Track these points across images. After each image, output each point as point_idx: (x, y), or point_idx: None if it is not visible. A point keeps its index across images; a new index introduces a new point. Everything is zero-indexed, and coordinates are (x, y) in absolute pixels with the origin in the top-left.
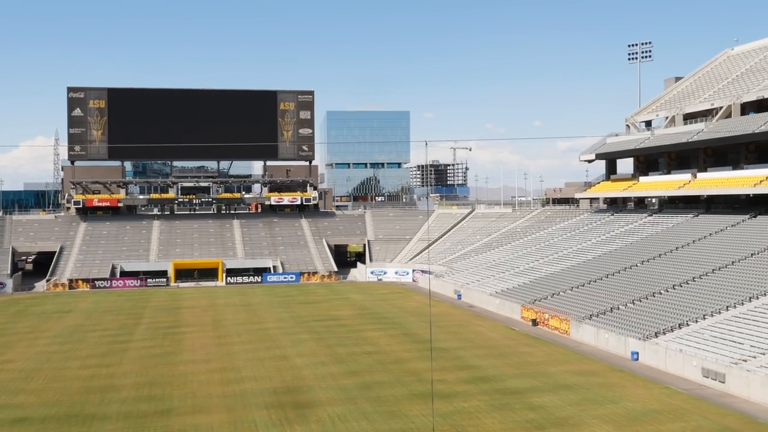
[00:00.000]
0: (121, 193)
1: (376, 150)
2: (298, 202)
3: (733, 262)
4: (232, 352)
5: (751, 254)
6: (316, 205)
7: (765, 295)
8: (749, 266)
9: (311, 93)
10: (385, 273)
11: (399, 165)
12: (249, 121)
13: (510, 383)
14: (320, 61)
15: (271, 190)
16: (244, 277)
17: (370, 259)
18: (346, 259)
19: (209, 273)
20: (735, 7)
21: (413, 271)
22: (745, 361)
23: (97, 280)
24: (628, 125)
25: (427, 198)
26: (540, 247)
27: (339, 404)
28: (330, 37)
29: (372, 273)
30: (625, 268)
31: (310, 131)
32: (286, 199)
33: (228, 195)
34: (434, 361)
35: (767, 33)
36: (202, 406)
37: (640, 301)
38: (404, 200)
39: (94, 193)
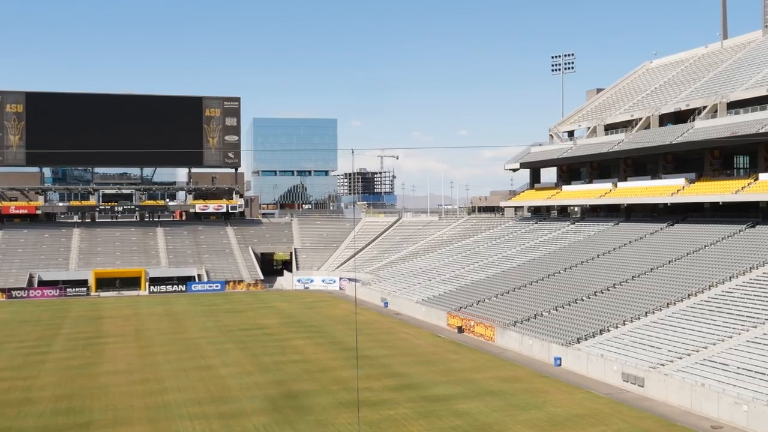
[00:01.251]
0: (40, 200)
1: (303, 158)
2: (224, 210)
3: (651, 269)
4: (155, 363)
5: (669, 261)
6: (242, 213)
7: (682, 301)
8: (667, 273)
9: (237, 100)
10: (312, 281)
11: (326, 173)
12: (174, 127)
13: (436, 390)
14: (247, 69)
15: (196, 198)
16: (167, 286)
17: (297, 267)
18: (272, 267)
19: (132, 282)
20: (654, 21)
21: (340, 279)
22: (663, 365)
23: (14, 289)
24: (551, 135)
25: (353, 206)
26: (466, 254)
27: (264, 414)
28: (257, 45)
29: (299, 281)
30: (549, 275)
31: (236, 138)
32: (212, 206)
33: (151, 202)
34: (361, 369)
35: (684, 47)
36: (124, 418)
37: (563, 307)
38: (331, 208)
39: (10, 200)
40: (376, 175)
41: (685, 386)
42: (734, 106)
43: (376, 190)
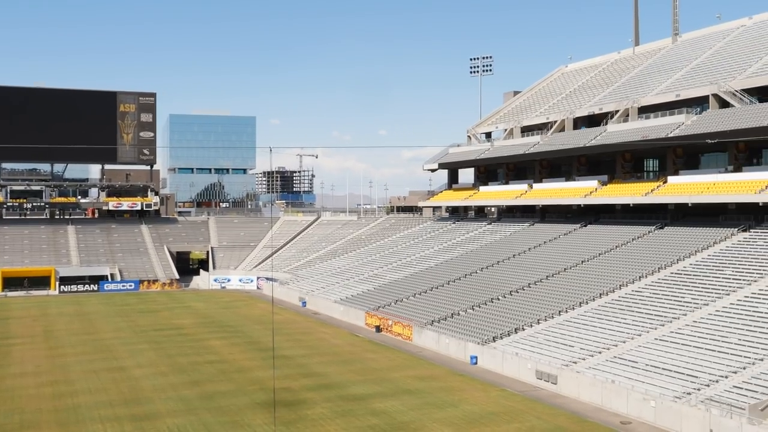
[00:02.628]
0: None
1: (220, 155)
2: (138, 208)
3: (565, 269)
4: (65, 364)
5: (582, 261)
6: (157, 211)
7: (594, 300)
8: (580, 273)
9: (153, 95)
10: (228, 280)
11: (244, 171)
12: (86, 122)
13: (354, 390)
14: (164, 65)
15: (109, 195)
16: (79, 286)
17: (214, 267)
18: (188, 266)
19: (41, 281)
20: (569, 26)
21: (258, 278)
22: (576, 363)
23: None
24: (469, 136)
25: (271, 205)
26: (384, 254)
27: (179, 415)
28: (175, 41)
29: (215, 280)
30: (466, 275)
31: (152, 134)
32: (126, 204)
33: (62, 199)
34: (278, 369)
35: (598, 52)
36: (32, 421)
37: (480, 306)
38: (249, 207)
39: None
40: (295, 174)
41: (596, 383)
42: (645, 110)
43: (295, 189)
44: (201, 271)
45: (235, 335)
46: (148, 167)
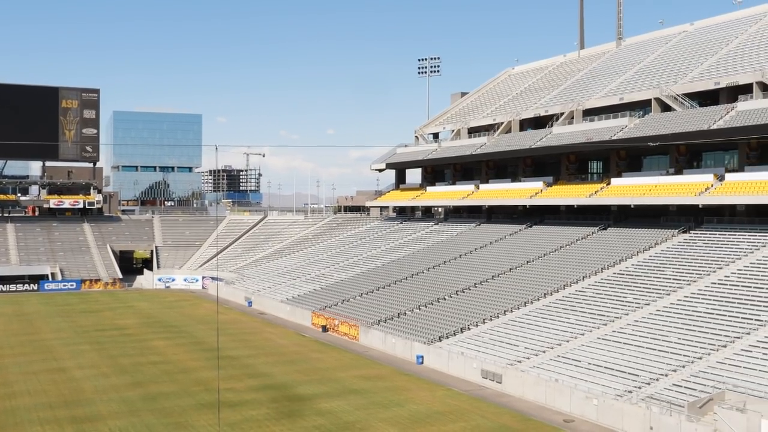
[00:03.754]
0: None
1: (166, 153)
2: (81, 206)
3: (510, 269)
4: (2, 366)
5: (527, 261)
6: (100, 209)
7: (538, 300)
8: (525, 273)
9: (96, 91)
10: (173, 280)
11: (190, 169)
12: (27, 118)
13: (299, 390)
14: (108, 62)
15: (50, 193)
16: (18, 285)
17: (158, 266)
18: (132, 265)
19: None
20: (516, 29)
21: (203, 278)
22: (520, 362)
23: None
24: (417, 137)
25: (217, 203)
26: (331, 254)
27: (121, 417)
28: (120, 38)
29: (159, 280)
30: (413, 274)
31: (95, 131)
32: (67, 202)
33: (1, 197)
34: (223, 369)
35: (544, 55)
36: None
37: (426, 306)
38: (195, 205)
39: None
40: (241, 173)
41: (540, 382)
42: (590, 113)
43: (241, 188)
44: (145, 270)
45: (180, 335)
46: (91, 165)
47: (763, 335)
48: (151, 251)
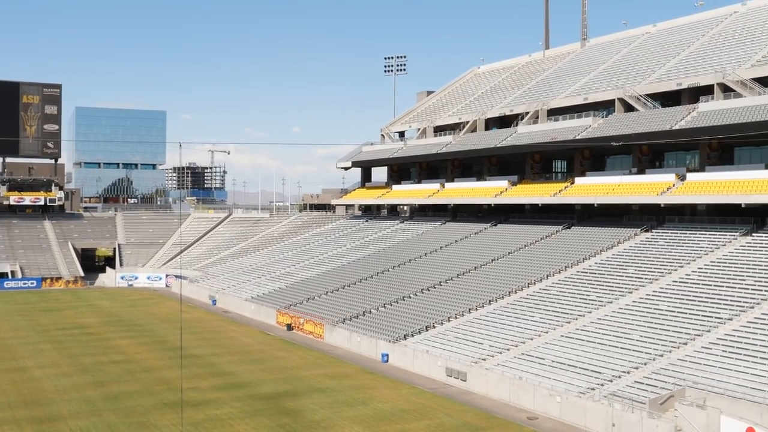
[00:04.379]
0: None
1: (129, 150)
2: (42, 203)
3: (475, 268)
4: None
5: (492, 260)
6: (61, 206)
7: (503, 298)
8: (490, 271)
9: (58, 87)
10: (136, 278)
11: (154, 166)
12: None
13: (264, 389)
14: (71, 56)
15: (10, 189)
16: None
17: (121, 264)
18: (94, 263)
19: None
20: (482, 29)
21: (167, 276)
22: (484, 360)
23: None
24: (383, 135)
25: (181, 201)
26: (296, 252)
27: (83, 417)
28: (83, 33)
29: (122, 278)
30: (378, 272)
31: (57, 127)
32: (28, 199)
33: None
34: (187, 368)
35: (510, 55)
36: None
37: (391, 305)
38: (159, 203)
39: None
40: (206, 170)
41: (504, 380)
42: (554, 113)
43: (206, 186)
44: (107, 268)
45: (143, 334)
46: (53, 161)
47: (722, 332)
48: (114, 249)
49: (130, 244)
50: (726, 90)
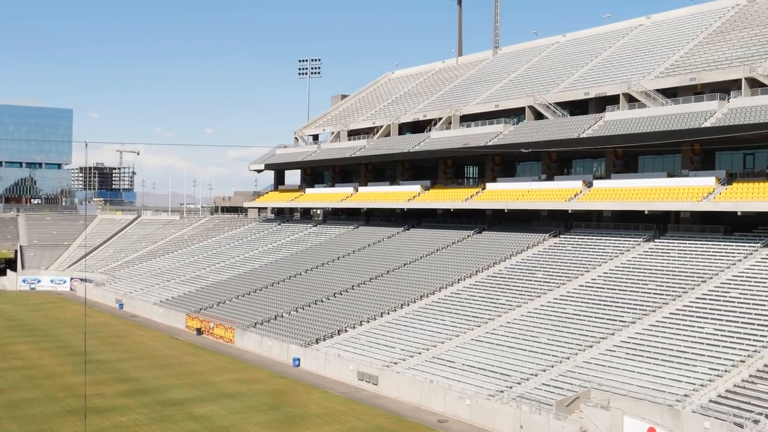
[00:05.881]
0: None
1: (33, 149)
2: None
3: (388, 272)
4: None
5: (404, 264)
6: None
7: (415, 302)
8: (402, 275)
9: None
10: (39, 281)
11: (59, 166)
12: None
13: (172, 394)
14: None
15: None
16: None
17: (23, 267)
18: None
19: None
20: (396, 34)
21: (71, 279)
22: (396, 363)
23: None
24: (296, 138)
25: (85, 202)
26: (207, 255)
27: None
28: None
29: (24, 281)
30: (290, 276)
31: None
32: None
33: None
34: (91, 374)
35: (423, 60)
36: None
37: (303, 308)
38: (64, 204)
39: None
40: (114, 171)
41: (415, 383)
42: (467, 119)
43: (114, 187)
44: (8, 271)
45: (45, 339)
46: None
47: (626, 335)
48: (16, 251)
49: (33, 246)
50: (631, 100)
